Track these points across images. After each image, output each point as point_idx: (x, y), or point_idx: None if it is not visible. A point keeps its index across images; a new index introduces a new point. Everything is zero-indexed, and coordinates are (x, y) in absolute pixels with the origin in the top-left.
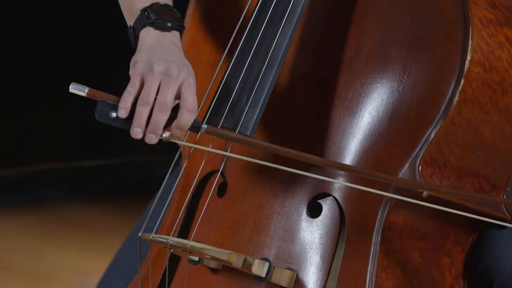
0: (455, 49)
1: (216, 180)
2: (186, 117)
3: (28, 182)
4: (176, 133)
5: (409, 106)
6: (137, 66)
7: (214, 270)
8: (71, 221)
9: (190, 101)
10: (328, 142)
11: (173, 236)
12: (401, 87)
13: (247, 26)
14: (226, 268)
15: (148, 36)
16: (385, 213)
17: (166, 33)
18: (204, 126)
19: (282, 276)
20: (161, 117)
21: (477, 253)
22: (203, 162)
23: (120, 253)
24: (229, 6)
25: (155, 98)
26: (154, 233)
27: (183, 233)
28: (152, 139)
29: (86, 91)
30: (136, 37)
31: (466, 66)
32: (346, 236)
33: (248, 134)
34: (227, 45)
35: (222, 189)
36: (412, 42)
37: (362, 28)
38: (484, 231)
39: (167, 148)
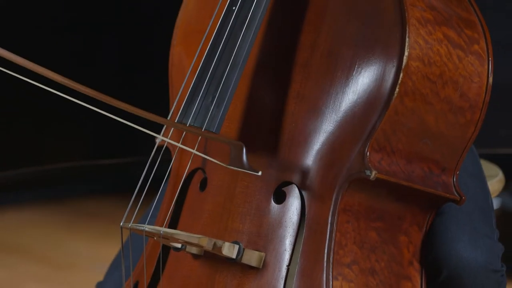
0: (394, 46)
1: (185, 174)
2: None
3: (51, 179)
4: None
5: (357, 99)
6: None
7: (196, 256)
8: (90, 213)
9: None
10: (284, 135)
11: (165, 227)
12: (349, 82)
13: (212, 34)
14: (206, 254)
15: None
16: (339, 197)
17: None
18: None
19: (251, 257)
20: None
21: (428, 244)
22: (189, 162)
23: (127, 244)
24: (204, 21)
25: None
26: (133, 224)
27: (173, 225)
28: None
29: None
30: None
31: (405, 61)
32: (306, 219)
33: (214, 131)
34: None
35: (203, 184)
36: (358, 42)
37: (317, 30)
38: (434, 224)
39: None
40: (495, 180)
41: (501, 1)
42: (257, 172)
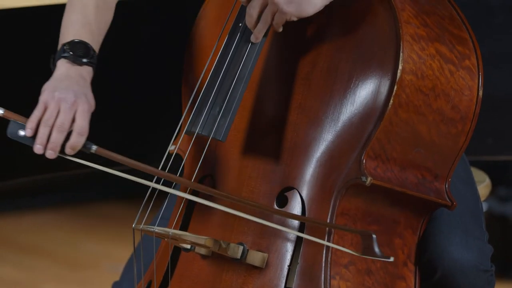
0: (389, 61)
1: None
2: (76, 139)
3: (67, 184)
4: (70, 152)
5: (354, 110)
6: (43, 93)
7: (204, 256)
8: (105, 217)
9: (80, 125)
10: (287, 143)
11: (174, 229)
12: (347, 94)
13: (220, 50)
14: (214, 255)
15: (61, 67)
16: (337, 201)
17: (77, 67)
18: (94, 147)
19: (255, 258)
20: (58, 137)
21: (423, 246)
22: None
23: (139, 245)
24: (213, 37)
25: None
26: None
27: (185, 227)
28: (51, 154)
29: (2, 112)
30: (54, 66)
31: (398, 74)
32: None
33: (220, 139)
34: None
35: None
36: (355, 57)
37: (318, 48)
38: (428, 227)
39: None
40: (482, 186)
41: (488, 15)
42: (389, 258)
